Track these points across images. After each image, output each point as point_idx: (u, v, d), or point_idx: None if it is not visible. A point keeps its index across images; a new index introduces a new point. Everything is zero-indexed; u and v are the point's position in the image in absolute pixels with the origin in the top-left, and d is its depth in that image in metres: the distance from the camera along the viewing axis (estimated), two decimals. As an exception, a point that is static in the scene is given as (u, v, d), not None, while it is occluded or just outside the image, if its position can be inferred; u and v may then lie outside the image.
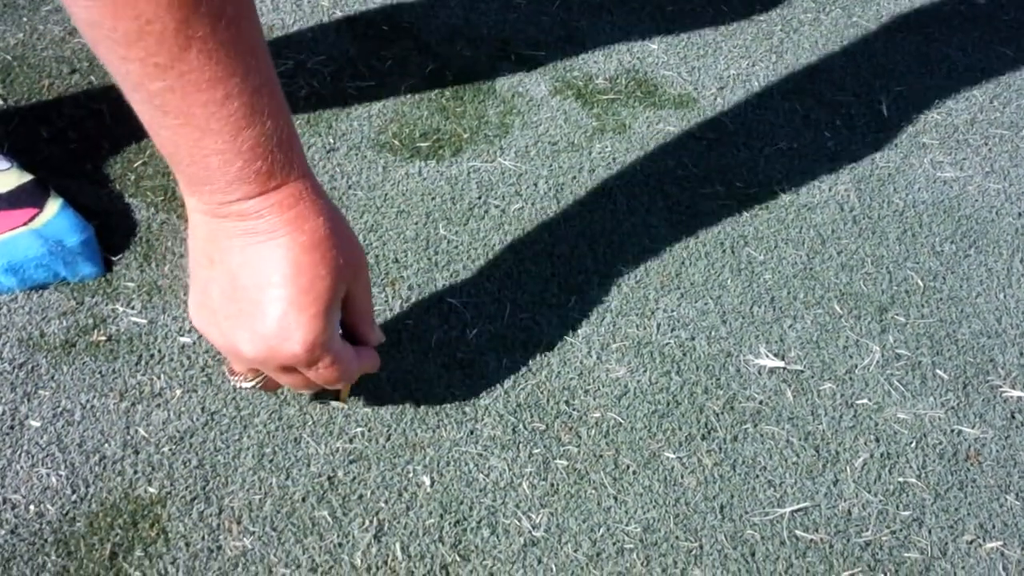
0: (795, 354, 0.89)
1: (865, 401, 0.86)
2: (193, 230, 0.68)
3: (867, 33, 1.27)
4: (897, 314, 0.93)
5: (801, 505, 0.79)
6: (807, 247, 0.99)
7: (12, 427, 0.78)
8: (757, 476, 0.81)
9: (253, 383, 0.74)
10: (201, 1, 0.56)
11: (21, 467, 0.76)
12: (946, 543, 0.78)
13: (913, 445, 0.84)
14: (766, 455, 0.82)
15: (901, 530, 0.78)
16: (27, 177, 0.90)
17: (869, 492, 0.80)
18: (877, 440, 0.84)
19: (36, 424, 0.78)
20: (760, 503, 0.79)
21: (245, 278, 0.66)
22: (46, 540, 0.72)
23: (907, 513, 0.79)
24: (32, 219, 0.87)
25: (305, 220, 0.66)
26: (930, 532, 0.79)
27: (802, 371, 0.88)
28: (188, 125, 0.60)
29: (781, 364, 0.88)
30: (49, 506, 0.74)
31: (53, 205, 0.89)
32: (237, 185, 0.63)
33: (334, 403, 0.82)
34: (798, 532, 0.77)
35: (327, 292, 0.67)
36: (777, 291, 0.94)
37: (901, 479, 0.81)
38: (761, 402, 0.85)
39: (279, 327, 0.66)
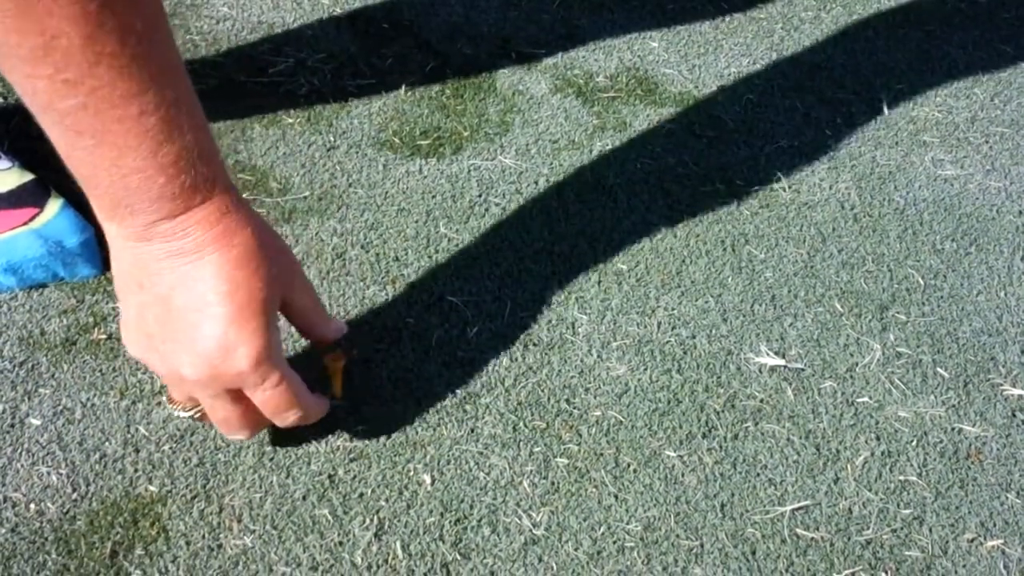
0: (796, 352, 0.89)
1: (866, 399, 0.86)
2: (116, 256, 0.66)
3: (868, 31, 1.27)
4: (898, 312, 0.93)
5: (802, 503, 0.79)
6: (808, 245, 0.99)
7: (12, 425, 0.78)
8: (758, 474, 0.81)
9: (191, 412, 0.73)
10: (107, 16, 0.54)
11: (22, 465, 0.76)
12: (947, 541, 0.78)
13: (914, 443, 0.84)
14: (767, 453, 0.82)
15: (902, 528, 0.78)
16: (28, 176, 0.90)
17: (870, 490, 0.80)
18: (878, 438, 0.84)
19: (37, 422, 0.78)
20: (761, 501, 0.79)
21: (179, 300, 0.64)
22: (46, 538, 0.72)
23: (908, 511, 0.79)
24: (32, 219, 0.87)
25: (233, 234, 0.65)
26: (931, 530, 0.79)
27: (803, 369, 0.88)
28: (104, 144, 0.58)
29: (782, 362, 0.88)
30: (49, 504, 0.74)
31: (53, 205, 0.89)
32: (160, 204, 0.61)
33: (332, 401, 0.81)
34: (799, 530, 0.77)
35: (265, 304, 0.66)
36: (778, 289, 0.94)
37: (902, 477, 0.81)
38: (762, 400, 0.85)
39: (221, 345, 0.65)
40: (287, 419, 0.71)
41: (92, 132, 0.58)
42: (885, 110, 1.15)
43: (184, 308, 0.64)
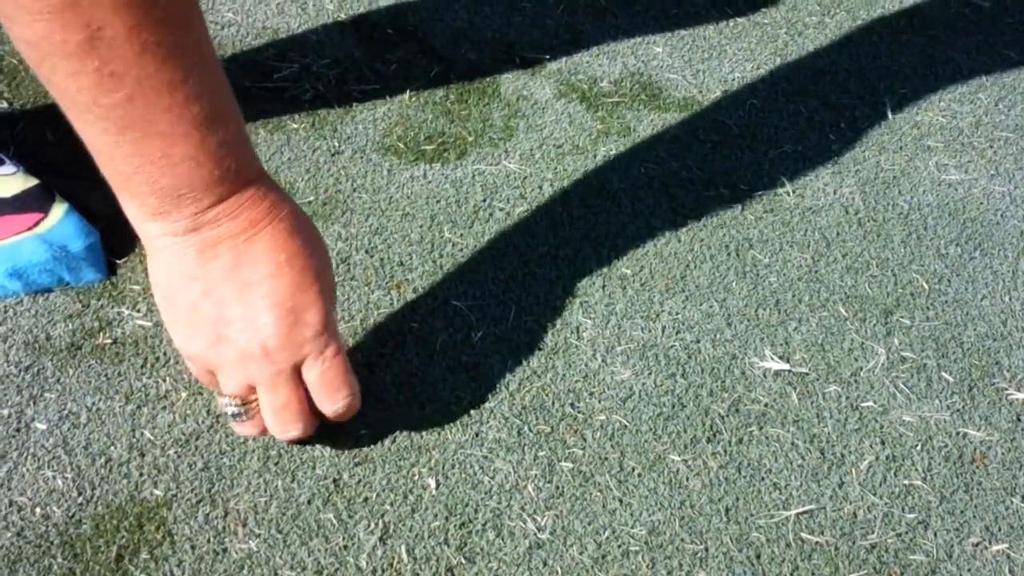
0: (800, 357, 0.89)
1: (870, 404, 0.86)
2: (160, 259, 0.66)
3: (872, 36, 1.27)
4: (902, 317, 0.93)
5: (807, 507, 0.79)
6: (812, 250, 0.99)
7: (18, 430, 0.78)
8: (762, 479, 0.81)
9: (244, 407, 0.72)
10: (150, 5, 0.55)
11: (27, 470, 0.76)
12: (952, 545, 0.78)
13: (919, 447, 0.84)
14: (771, 458, 0.82)
15: (907, 532, 0.78)
16: (33, 182, 0.91)
17: (875, 494, 0.80)
18: (883, 442, 0.84)
19: (42, 427, 0.78)
20: (765, 505, 0.79)
21: (238, 279, 0.65)
22: (52, 542, 0.72)
23: (913, 516, 0.79)
24: (37, 224, 0.88)
25: (279, 209, 0.67)
26: (936, 534, 0.79)
27: (807, 374, 0.88)
28: (151, 135, 0.59)
29: (786, 367, 0.88)
30: (55, 508, 0.74)
31: (58, 210, 0.89)
32: (210, 189, 0.62)
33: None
34: (804, 534, 0.77)
35: (321, 270, 0.68)
36: (782, 294, 0.94)
37: (907, 481, 0.81)
38: (766, 405, 0.85)
39: (290, 310, 0.66)
40: (337, 402, 0.72)
41: (140, 124, 0.58)
42: (889, 115, 1.15)
43: (245, 285, 0.66)
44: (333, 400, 0.72)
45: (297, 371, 0.69)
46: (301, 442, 0.79)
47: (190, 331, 0.68)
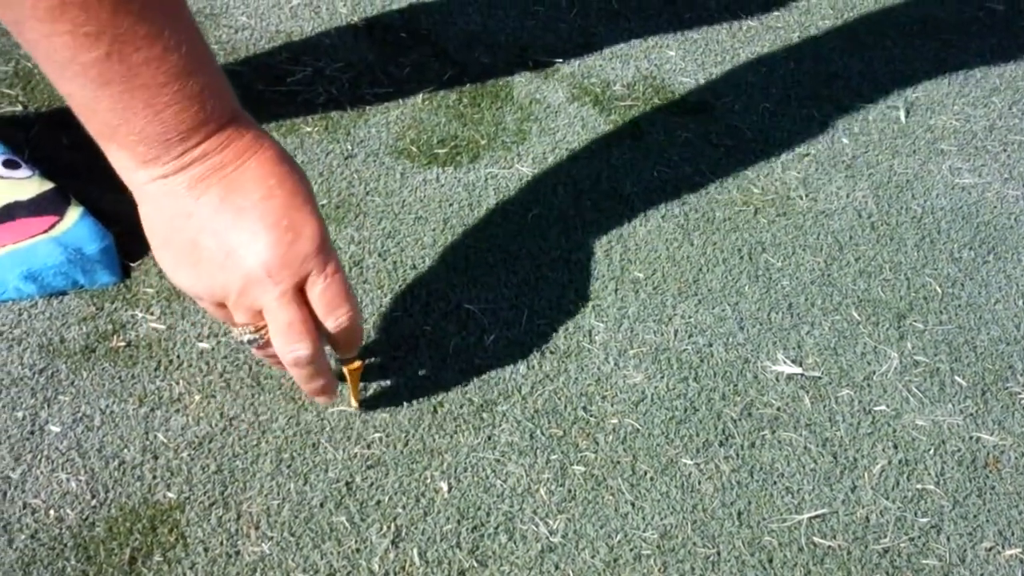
0: (813, 360, 0.89)
1: (883, 408, 0.86)
2: (152, 204, 0.67)
3: (885, 40, 1.27)
4: (915, 320, 0.93)
5: (819, 512, 0.79)
6: (825, 253, 0.98)
7: (32, 432, 0.78)
8: (775, 483, 0.81)
9: (256, 334, 0.72)
10: None
11: (41, 472, 0.76)
12: (965, 550, 0.78)
13: (931, 452, 0.84)
14: (784, 461, 0.82)
15: (919, 537, 0.78)
16: (48, 185, 0.91)
17: (887, 499, 0.80)
18: (895, 447, 0.84)
19: (56, 429, 0.79)
20: (778, 509, 0.79)
21: (232, 206, 0.66)
22: (66, 545, 0.72)
23: (925, 520, 0.79)
24: (52, 227, 0.88)
25: (262, 138, 0.68)
26: (949, 539, 0.78)
27: (820, 377, 0.88)
28: (134, 88, 0.60)
29: (799, 370, 0.88)
30: (69, 511, 0.74)
31: (73, 213, 0.90)
32: (196, 129, 0.64)
33: (347, 408, 0.82)
34: (816, 539, 0.77)
35: (310, 191, 0.69)
36: (795, 297, 0.94)
37: (919, 486, 0.81)
38: (779, 408, 0.85)
39: (287, 227, 0.67)
40: (340, 316, 0.71)
41: (120, 79, 0.59)
42: (902, 119, 1.15)
43: (239, 211, 0.66)
44: (336, 315, 0.71)
45: (300, 290, 0.69)
46: (313, 446, 0.79)
47: (194, 269, 0.68)
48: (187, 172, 0.65)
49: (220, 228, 0.66)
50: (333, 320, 0.72)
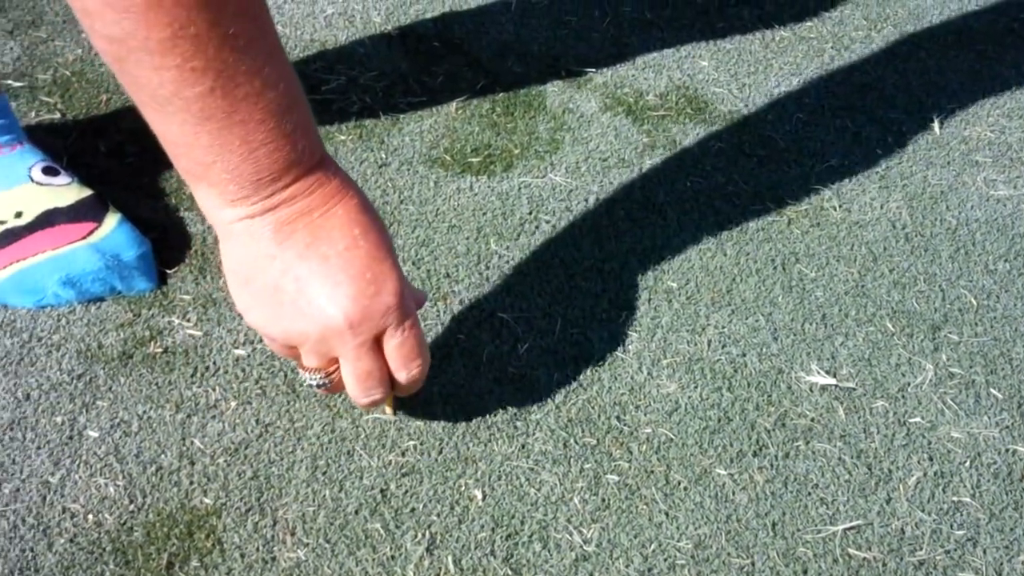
0: (847, 371, 0.89)
1: (918, 419, 0.86)
2: (238, 244, 0.67)
3: (919, 51, 1.26)
4: (950, 332, 0.93)
5: (854, 523, 0.79)
6: (859, 264, 0.98)
7: (71, 437, 0.79)
8: (809, 493, 0.80)
9: (325, 380, 0.72)
10: (229, 0, 0.57)
11: (80, 477, 0.77)
12: (1001, 563, 0.77)
13: (967, 464, 0.83)
14: (818, 472, 0.82)
15: (955, 549, 0.78)
16: (87, 192, 0.92)
17: (923, 511, 0.80)
18: (930, 459, 0.83)
19: (94, 434, 0.79)
20: (812, 520, 0.79)
21: (317, 253, 0.67)
22: (104, 549, 0.73)
23: (961, 532, 0.79)
24: (91, 233, 0.89)
25: (348, 186, 0.69)
26: (985, 552, 0.78)
27: (854, 388, 0.88)
28: (232, 123, 0.61)
29: (833, 381, 0.88)
30: (107, 515, 0.75)
31: (111, 220, 0.90)
32: (287, 170, 0.64)
33: (383, 415, 0.82)
34: (851, 550, 0.77)
35: (390, 243, 0.70)
36: (828, 308, 0.94)
37: (955, 498, 0.81)
38: (813, 419, 0.85)
39: (369, 280, 0.67)
40: (412, 370, 0.72)
41: (221, 114, 0.60)
42: (937, 130, 1.15)
43: (323, 259, 0.67)
44: (408, 369, 0.72)
45: (378, 341, 0.70)
46: (347, 453, 0.80)
47: (271, 311, 0.69)
48: (274, 214, 0.66)
49: (303, 275, 0.67)
50: (406, 373, 0.73)
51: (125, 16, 0.55)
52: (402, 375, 0.73)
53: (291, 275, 0.67)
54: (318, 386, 0.73)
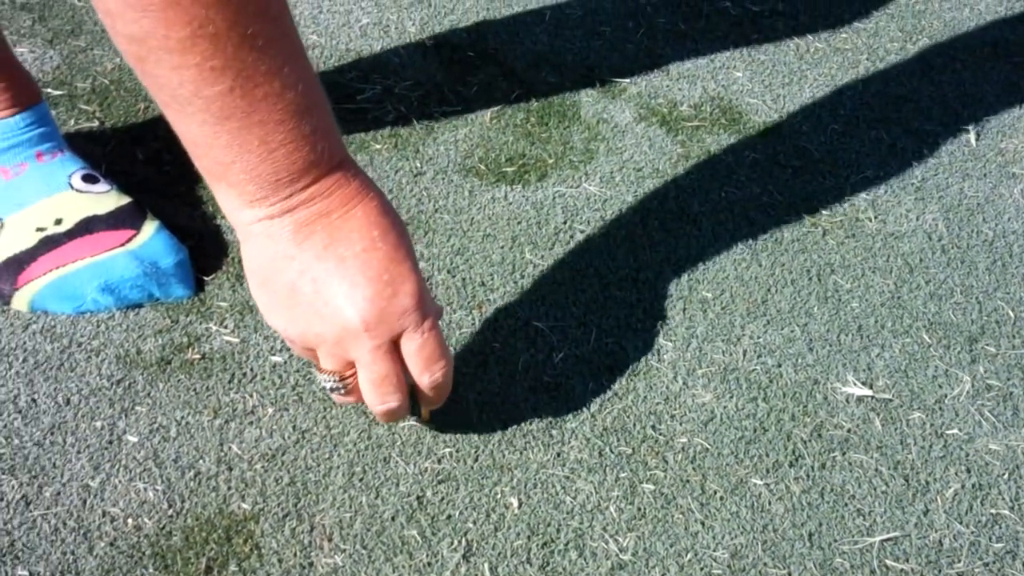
0: (883, 383, 0.89)
1: (955, 431, 0.86)
2: (257, 244, 0.68)
3: (955, 63, 1.26)
4: (987, 344, 0.92)
5: (891, 534, 0.78)
6: (895, 276, 0.98)
7: (111, 442, 0.80)
8: (846, 504, 0.80)
9: (342, 383, 0.73)
10: (247, 1, 0.57)
11: (120, 481, 0.77)
12: (1040, 576, 0.77)
13: (1005, 476, 0.83)
14: (855, 483, 0.81)
15: (994, 562, 0.77)
16: (126, 200, 0.93)
17: (961, 523, 0.79)
18: (968, 471, 0.83)
19: (133, 439, 0.80)
20: (849, 531, 0.78)
21: (335, 255, 0.67)
22: (144, 553, 0.73)
23: (1000, 545, 0.78)
24: (129, 240, 0.90)
25: (368, 188, 0.69)
26: None
27: (891, 400, 0.87)
28: (251, 123, 0.61)
29: (869, 392, 0.88)
30: (147, 520, 0.75)
31: (149, 227, 0.91)
32: (306, 171, 0.65)
33: (415, 421, 0.82)
34: (888, 561, 0.77)
35: (410, 245, 0.70)
36: (864, 319, 0.94)
37: (993, 511, 0.80)
38: (849, 430, 0.85)
39: (387, 282, 0.68)
40: (435, 373, 0.73)
41: (240, 114, 0.61)
42: (973, 141, 1.14)
43: (340, 260, 0.67)
44: (431, 372, 0.72)
45: (395, 344, 0.70)
46: (384, 460, 0.80)
47: (290, 312, 0.69)
48: (292, 215, 0.66)
49: (320, 276, 0.67)
50: (428, 376, 0.73)
51: (144, 15, 0.56)
52: (424, 379, 0.73)
53: (308, 276, 0.67)
54: (332, 389, 0.73)
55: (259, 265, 0.69)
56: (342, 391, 0.73)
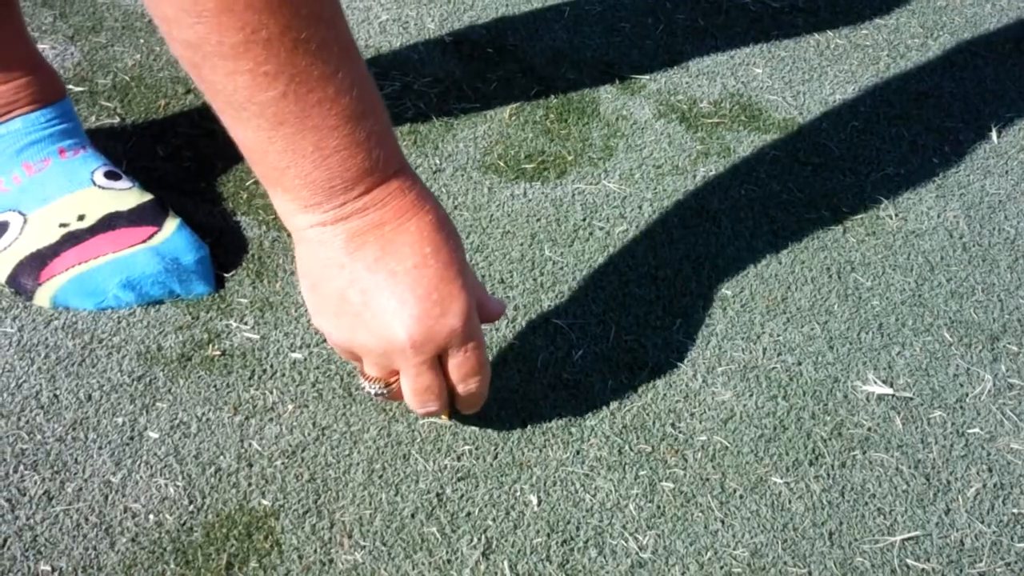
0: (904, 381, 0.88)
1: (977, 430, 0.85)
2: (309, 250, 0.68)
3: (977, 59, 1.25)
4: (1009, 343, 0.92)
5: (912, 534, 0.78)
6: (915, 274, 0.98)
7: (132, 438, 0.80)
8: (866, 503, 0.80)
9: (385, 389, 0.74)
10: (301, 3, 0.57)
11: (140, 477, 0.77)
12: (1062, 577, 0.77)
13: (1027, 476, 0.83)
14: (875, 482, 0.81)
15: (1016, 562, 0.77)
16: (147, 196, 0.93)
17: (982, 522, 0.79)
18: (990, 470, 0.83)
19: (154, 436, 0.80)
20: (870, 531, 0.78)
21: (385, 268, 0.67)
22: (165, 549, 0.73)
23: (1022, 545, 0.78)
24: (151, 237, 0.90)
25: (425, 200, 0.68)
26: (1045, 565, 0.77)
27: (911, 398, 0.87)
28: (305, 128, 0.61)
29: (890, 391, 0.87)
30: (167, 516, 0.75)
31: (171, 224, 0.91)
32: (360, 179, 0.64)
33: (437, 420, 0.82)
34: (909, 561, 0.77)
35: (463, 265, 0.69)
36: (885, 317, 0.93)
37: (1015, 510, 0.80)
38: (869, 429, 0.85)
39: (436, 301, 0.67)
40: (470, 385, 0.73)
41: (294, 119, 0.60)
42: (995, 139, 1.14)
43: (391, 275, 0.67)
44: (467, 383, 0.73)
45: (440, 357, 0.71)
46: (403, 457, 0.80)
47: (337, 319, 0.69)
48: (345, 224, 0.66)
49: (370, 287, 0.67)
50: (464, 387, 0.74)
51: (199, 20, 0.56)
52: (460, 388, 0.74)
53: (358, 287, 0.67)
54: (376, 395, 0.74)
55: (310, 269, 0.69)
56: (386, 395, 0.74)
